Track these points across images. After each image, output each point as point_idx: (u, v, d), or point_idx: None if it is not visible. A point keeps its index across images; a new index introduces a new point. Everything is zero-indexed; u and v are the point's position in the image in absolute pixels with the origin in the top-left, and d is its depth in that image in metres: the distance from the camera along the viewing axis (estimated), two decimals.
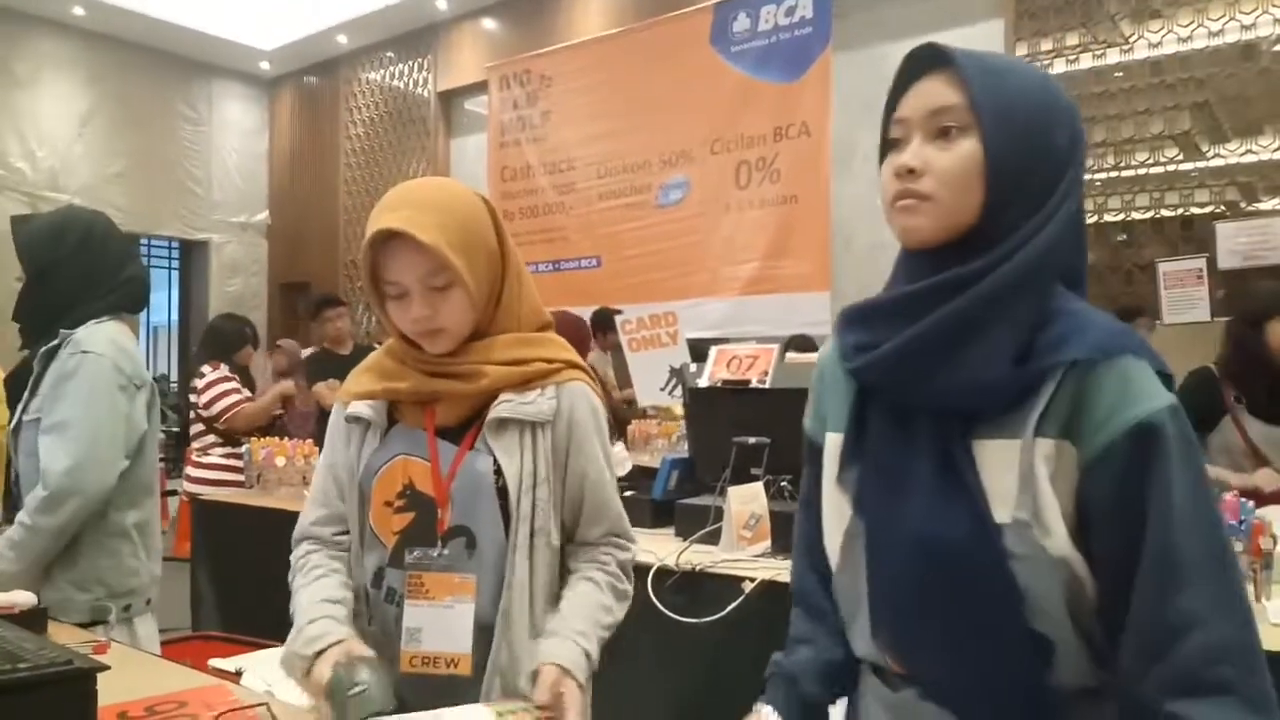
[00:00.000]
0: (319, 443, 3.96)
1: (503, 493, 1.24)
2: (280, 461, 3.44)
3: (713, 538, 2.22)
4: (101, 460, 1.82)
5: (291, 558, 1.36)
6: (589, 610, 1.28)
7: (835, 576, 1.01)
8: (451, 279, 1.21)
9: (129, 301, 1.98)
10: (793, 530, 1.14)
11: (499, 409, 1.24)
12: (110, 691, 1.07)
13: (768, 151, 6.28)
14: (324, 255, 9.18)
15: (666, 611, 2.01)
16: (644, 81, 6.88)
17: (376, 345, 4.42)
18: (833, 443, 1.01)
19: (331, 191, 9.19)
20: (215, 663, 2.00)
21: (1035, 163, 0.88)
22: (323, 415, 4.44)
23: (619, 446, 3.29)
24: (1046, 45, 5.42)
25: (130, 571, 1.91)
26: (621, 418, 4.58)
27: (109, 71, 8.48)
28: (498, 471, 1.23)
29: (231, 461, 4.17)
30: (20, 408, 1.90)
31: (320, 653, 1.18)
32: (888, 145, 0.95)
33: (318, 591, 1.28)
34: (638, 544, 1.42)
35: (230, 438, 4.28)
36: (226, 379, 4.23)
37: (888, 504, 0.92)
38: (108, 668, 1.07)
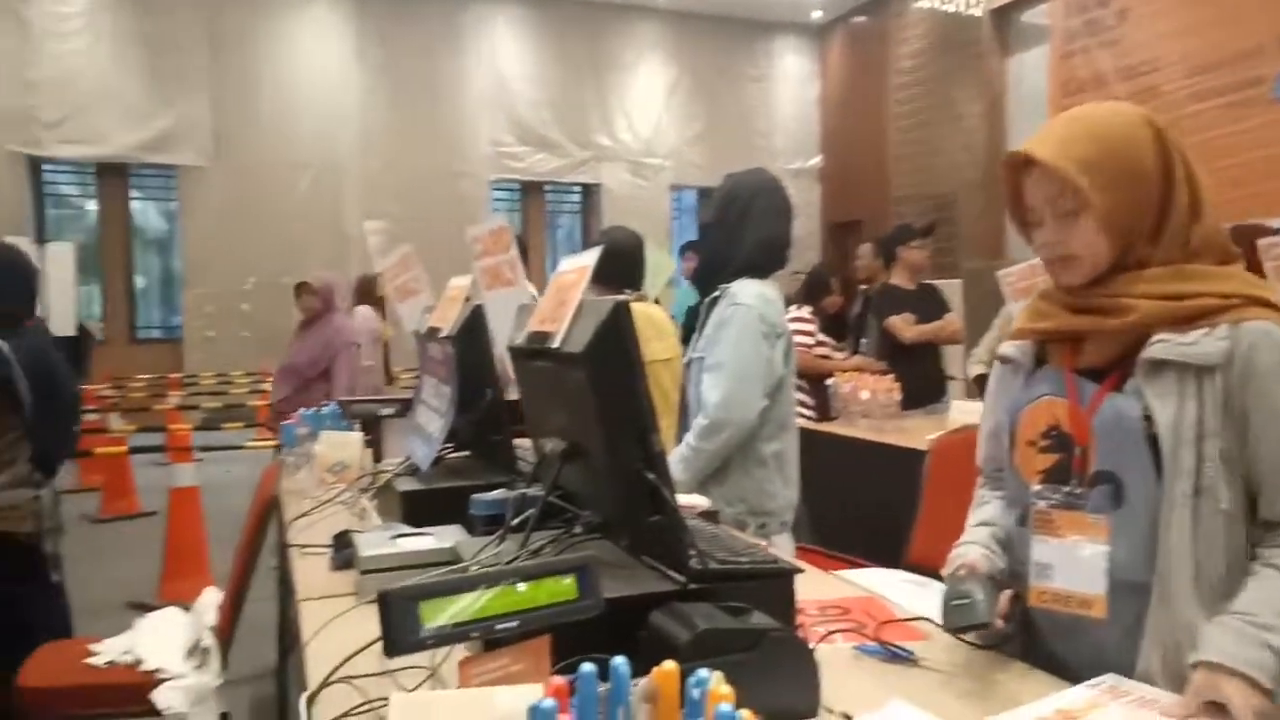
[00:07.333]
0: None
1: (1153, 441, 1.15)
2: (864, 395, 3.66)
3: None
4: (746, 397, 2.16)
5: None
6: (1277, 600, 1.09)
7: None
8: (1080, 203, 1.17)
9: (770, 261, 2.31)
10: None
11: (1153, 349, 1.16)
12: None
13: None
14: (874, 193, 9.39)
15: None
16: None
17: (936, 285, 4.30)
18: None
19: (879, 129, 9.32)
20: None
21: None
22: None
23: None
24: None
25: (768, 495, 2.25)
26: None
27: (686, 45, 9.65)
28: (1147, 418, 1.15)
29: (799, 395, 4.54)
30: (690, 347, 2.36)
31: (953, 573, 1.29)
32: None
33: (973, 519, 1.39)
34: None
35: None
36: (804, 320, 4.58)
37: None
38: (803, 569, 1.28)
